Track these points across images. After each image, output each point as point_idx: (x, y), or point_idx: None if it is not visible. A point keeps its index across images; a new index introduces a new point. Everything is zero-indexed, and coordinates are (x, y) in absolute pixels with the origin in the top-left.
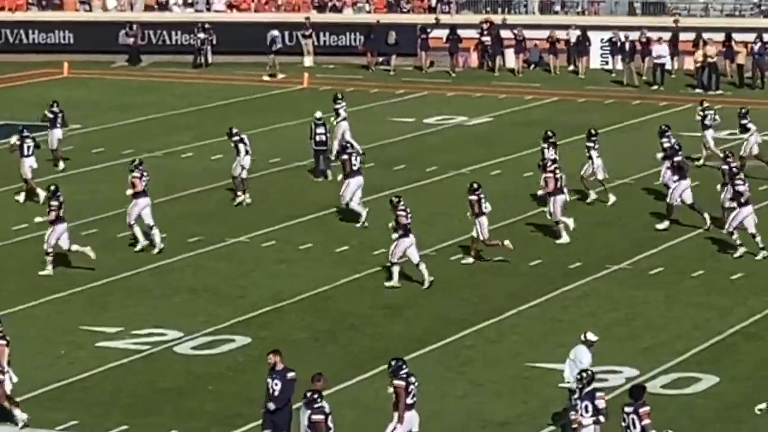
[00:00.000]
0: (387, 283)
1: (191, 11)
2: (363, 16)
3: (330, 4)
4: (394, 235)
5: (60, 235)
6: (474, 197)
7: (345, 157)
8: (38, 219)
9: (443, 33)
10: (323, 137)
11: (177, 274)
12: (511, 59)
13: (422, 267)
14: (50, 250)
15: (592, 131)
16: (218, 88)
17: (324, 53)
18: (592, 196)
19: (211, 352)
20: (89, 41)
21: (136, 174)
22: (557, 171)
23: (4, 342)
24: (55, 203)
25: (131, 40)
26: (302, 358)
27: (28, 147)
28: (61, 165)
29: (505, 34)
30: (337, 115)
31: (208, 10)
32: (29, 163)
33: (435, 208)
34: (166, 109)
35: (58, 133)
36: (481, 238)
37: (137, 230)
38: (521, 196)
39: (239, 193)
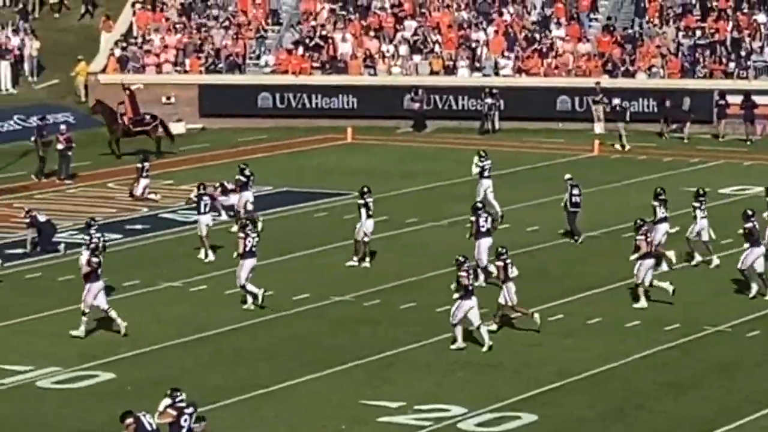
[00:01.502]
0: (452, 346)
1: (478, 75)
2: (656, 81)
3: (622, 68)
4: (455, 296)
5: (96, 293)
6: (500, 263)
7: (473, 218)
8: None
9: (737, 99)
10: (578, 198)
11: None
12: None
13: (482, 330)
14: (87, 310)
15: (700, 191)
16: (505, 156)
17: (614, 120)
18: (697, 258)
19: (498, 429)
20: (373, 106)
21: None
22: (648, 233)
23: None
24: (95, 260)
25: (416, 105)
26: None
27: (205, 204)
28: (260, 225)
29: None
30: (482, 171)
31: (496, 74)
32: (206, 221)
33: (723, 285)
34: (451, 177)
35: (248, 195)
36: (510, 303)
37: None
38: None
39: (354, 257)
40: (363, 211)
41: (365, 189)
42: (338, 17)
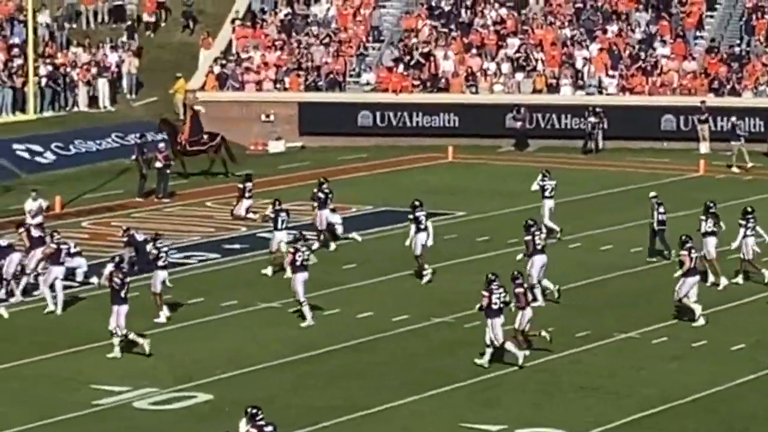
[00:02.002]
0: (479, 362)
1: (582, 94)
2: (763, 100)
3: (728, 86)
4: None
5: (121, 315)
6: (521, 289)
7: (528, 237)
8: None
9: None
10: (663, 216)
11: (562, 371)
12: None
13: (510, 347)
14: (122, 332)
15: (748, 209)
16: (609, 176)
17: (720, 139)
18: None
19: None
20: (475, 125)
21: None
22: (692, 250)
23: None
24: (118, 280)
25: (518, 123)
26: None
27: (282, 221)
28: (333, 246)
29: None
30: (543, 191)
31: (600, 92)
32: (280, 237)
33: None
34: (554, 197)
35: (326, 213)
36: (520, 328)
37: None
38: None
39: (424, 272)
40: (413, 226)
41: (416, 203)
42: (440, 34)
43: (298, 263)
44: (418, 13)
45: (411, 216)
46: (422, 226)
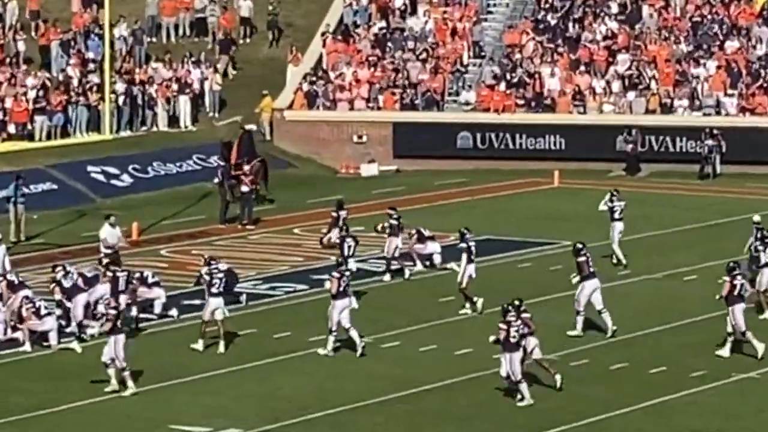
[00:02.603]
0: (519, 403)
1: (698, 115)
2: None
3: None
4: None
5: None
6: (527, 315)
7: (581, 259)
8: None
9: None
10: (759, 246)
11: (677, 413)
12: None
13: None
14: (122, 365)
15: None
16: (727, 202)
17: None
18: None
19: None
20: (583, 147)
21: None
22: (738, 277)
23: None
24: (112, 312)
25: (630, 146)
26: None
27: (349, 247)
28: (407, 273)
29: None
30: (612, 212)
31: (718, 113)
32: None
33: None
34: (667, 225)
35: (397, 241)
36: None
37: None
38: None
39: (466, 304)
40: (464, 255)
41: (464, 230)
42: (545, 50)
43: (341, 288)
44: (522, 28)
45: (462, 245)
46: (473, 257)
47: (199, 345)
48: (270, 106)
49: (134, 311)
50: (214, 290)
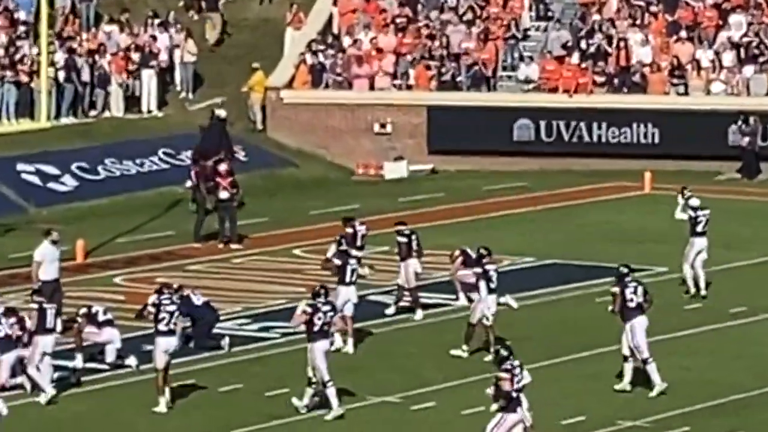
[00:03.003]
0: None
1: None
2: None
3: None
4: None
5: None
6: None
7: (616, 288)
8: None
9: None
10: None
11: None
12: None
13: None
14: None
15: None
16: None
17: None
18: None
19: None
20: (683, 141)
21: None
22: None
23: None
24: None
25: (746, 139)
26: None
27: (353, 270)
28: (419, 314)
29: None
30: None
31: None
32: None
33: None
34: None
35: (415, 265)
36: None
37: None
38: None
39: (464, 346)
40: (482, 284)
41: (483, 251)
42: (633, 10)
43: (316, 328)
44: None
45: (478, 270)
46: (493, 285)
47: (161, 405)
48: (262, 84)
49: (78, 360)
50: (162, 327)
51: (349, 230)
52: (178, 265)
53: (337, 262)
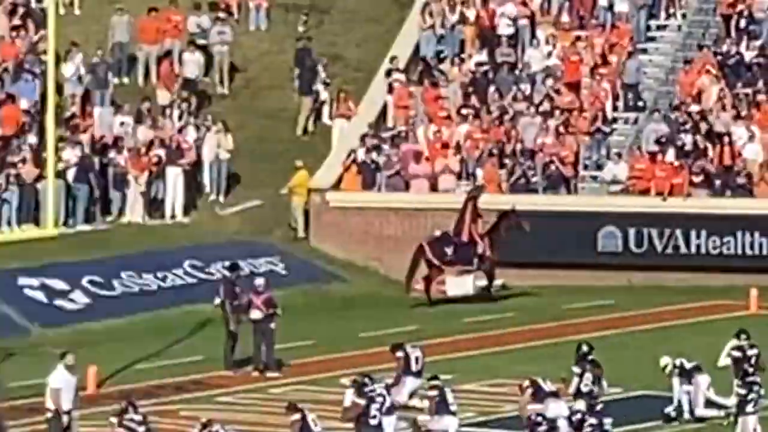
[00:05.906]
0: None
1: None
2: None
3: None
4: None
5: None
6: None
7: None
8: None
9: None
10: None
11: None
12: None
13: None
14: None
15: None
16: None
17: None
18: None
19: None
20: None
21: None
22: None
23: None
24: None
25: None
26: None
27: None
28: None
29: None
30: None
31: None
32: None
33: None
34: None
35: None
36: None
37: None
38: None
39: None
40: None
41: (585, 348)
42: (738, 100)
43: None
44: (701, 62)
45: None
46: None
47: None
48: (305, 185)
49: None
50: None
51: (400, 354)
52: (206, 396)
53: (360, 401)
